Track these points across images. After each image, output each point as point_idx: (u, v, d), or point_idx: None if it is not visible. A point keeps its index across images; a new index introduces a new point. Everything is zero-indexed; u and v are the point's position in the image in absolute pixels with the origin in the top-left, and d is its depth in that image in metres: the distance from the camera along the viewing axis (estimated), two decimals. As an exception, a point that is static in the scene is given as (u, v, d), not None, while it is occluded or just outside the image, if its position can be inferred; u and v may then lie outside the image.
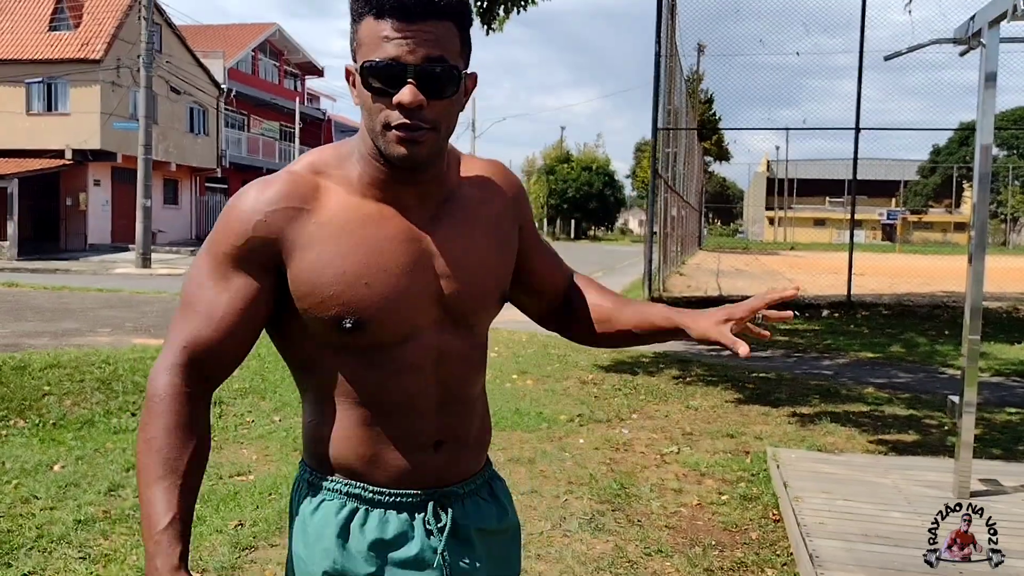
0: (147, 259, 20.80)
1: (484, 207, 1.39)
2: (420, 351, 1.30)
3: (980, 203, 4.31)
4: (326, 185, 1.30)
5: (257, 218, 1.26)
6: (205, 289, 1.27)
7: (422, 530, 1.34)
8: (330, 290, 1.25)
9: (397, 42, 1.18)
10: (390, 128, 1.21)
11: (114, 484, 4.47)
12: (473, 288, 1.34)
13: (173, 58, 28.91)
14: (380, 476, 1.33)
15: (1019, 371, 8.39)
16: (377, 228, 1.28)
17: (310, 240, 1.26)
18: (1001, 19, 3.98)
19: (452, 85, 1.22)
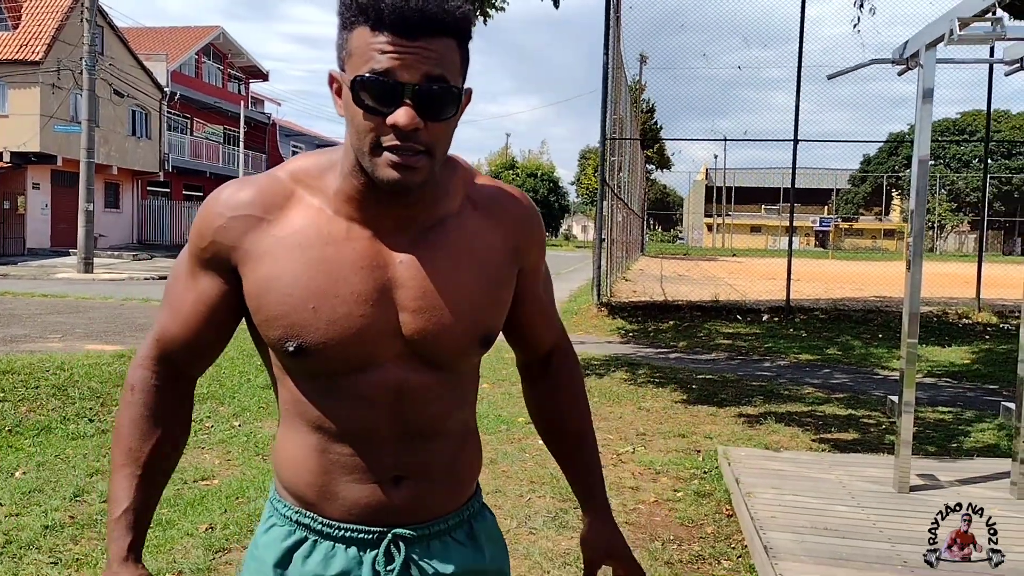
0: (89, 264, 20.40)
1: (480, 238, 1.26)
2: (376, 384, 1.20)
3: (917, 213, 4.57)
4: (300, 195, 1.20)
5: (219, 222, 1.20)
6: (177, 283, 1.27)
7: (370, 571, 1.23)
8: (274, 309, 1.17)
9: (393, 57, 1.06)
10: (381, 149, 1.10)
11: (79, 489, 4.48)
12: (441, 326, 1.20)
13: (115, 60, 28.40)
14: (332, 507, 1.24)
15: (950, 372, 8.80)
16: (339, 250, 1.18)
17: (264, 253, 1.18)
18: (938, 42, 4.25)
19: (451, 106, 1.11)
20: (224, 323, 1.26)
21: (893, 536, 3.78)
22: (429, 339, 1.20)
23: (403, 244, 1.20)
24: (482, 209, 1.27)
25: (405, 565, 1.24)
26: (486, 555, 1.33)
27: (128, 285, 17.80)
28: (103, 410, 6.12)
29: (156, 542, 3.80)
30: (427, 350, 1.20)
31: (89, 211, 20.75)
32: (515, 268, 1.30)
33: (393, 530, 1.24)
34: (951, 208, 60.42)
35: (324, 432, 1.22)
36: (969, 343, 11.00)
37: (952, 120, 59.04)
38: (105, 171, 28.64)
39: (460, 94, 1.12)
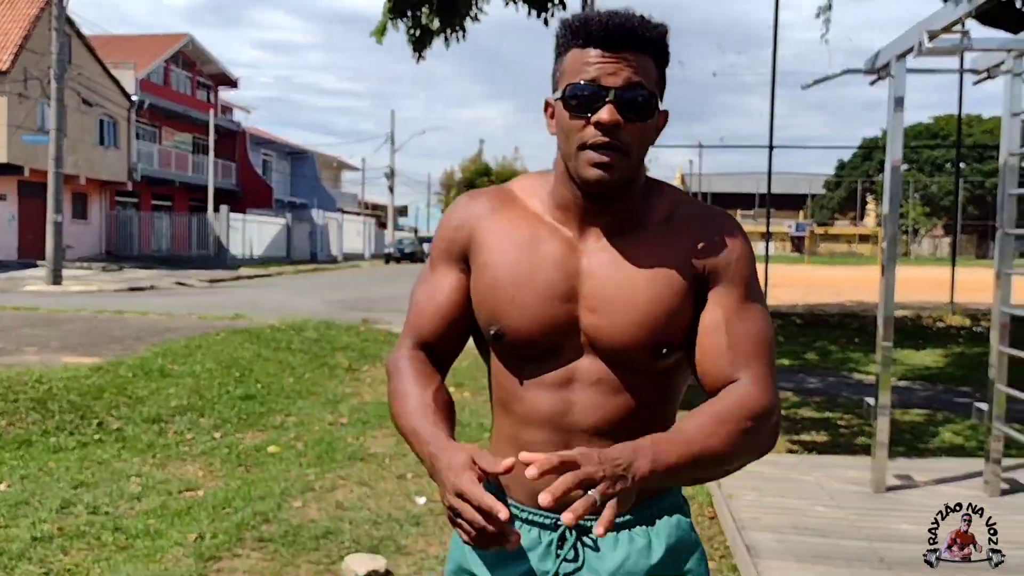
0: (58, 275, 20.15)
1: (668, 253, 1.33)
2: (557, 372, 1.33)
3: (891, 218, 4.70)
4: (523, 201, 1.40)
5: (456, 223, 1.42)
6: (422, 286, 1.46)
7: (544, 550, 1.35)
8: (483, 293, 1.37)
9: (600, 67, 1.25)
10: (585, 148, 1.26)
11: (65, 501, 4.47)
12: (612, 327, 1.31)
13: (83, 69, 28.13)
14: (519, 491, 1.37)
15: (923, 375, 8.99)
16: (542, 248, 1.34)
17: (485, 247, 1.38)
18: (908, 53, 4.38)
19: (648, 110, 1.27)
20: (468, 310, 1.41)
21: (871, 534, 3.89)
22: (602, 336, 1.32)
23: (596, 249, 1.34)
24: (680, 228, 1.36)
25: (576, 550, 1.34)
26: (659, 553, 1.34)
27: (99, 297, 17.63)
28: (83, 423, 6.09)
29: (146, 551, 3.82)
30: (600, 346, 1.32)
31: (57, 222, 20.52)
32: (695, 287, 1.34)
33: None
34: (925, 212, 61.30)
35: (515, 417, 1.37)
36: (943, 346, 11.23)
37: (925, 125, 59.89)
38: (73, 181, 28.32)
39: (657, 101, 1.28)
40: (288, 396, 7.39)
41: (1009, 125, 4.46)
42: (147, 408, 6.52)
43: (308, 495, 4.69)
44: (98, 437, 5.87)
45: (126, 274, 25.39)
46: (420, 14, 8.98)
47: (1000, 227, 4.48)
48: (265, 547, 3.91)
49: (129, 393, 6.81)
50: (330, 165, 58.42)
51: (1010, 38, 4.62)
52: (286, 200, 46.77)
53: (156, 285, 21.69)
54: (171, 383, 7.24)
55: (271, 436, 6.08)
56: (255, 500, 4.55)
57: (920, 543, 3.73)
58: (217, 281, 24.74)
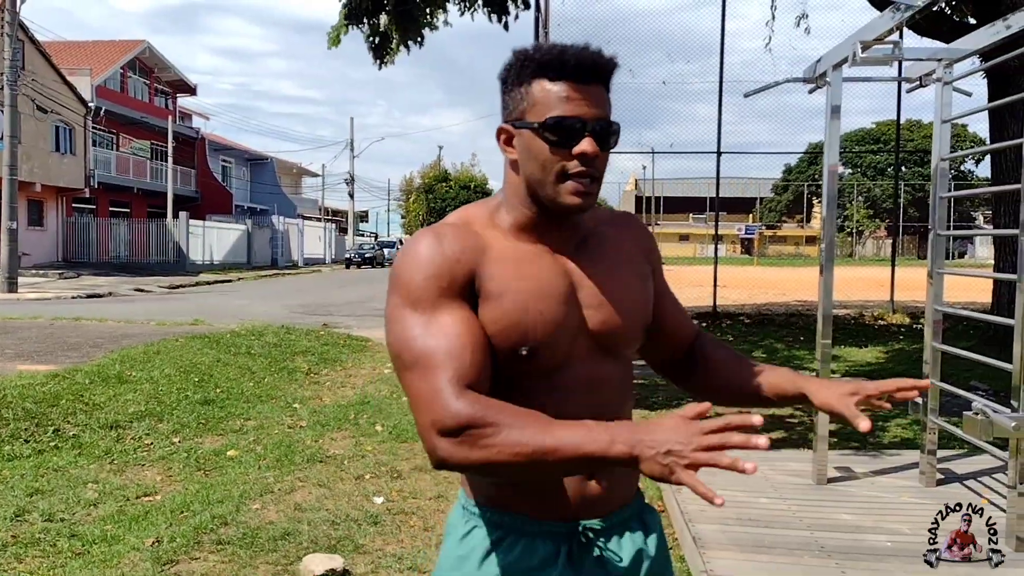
0: (13, 283, 19.88)
1: (620, 245, 1.49)
2: (575, 378, 1.38)
3: (828, 220, 4.87)
4: (483, 232, 1.40)
5: (454, 257, 1.33)
6: (432, 336, 1.28)
7: (565, 559, 1.39)
8: (511, 318, 1.33)
9: (576, 102, 1.32)
10: (566, 178, 1.33)
11: (20, 509, 4.47)
12: (619, 319, 1.42)
13: (38, 75, 27.73)
14: (531, 505, 1.39)
15: (866, 372, 9.23)
16: (538, 264, 1.39)
17: (492, 275, 1.35)
18: (843, 63, 4.56)
19: (615, 138, 1.37)
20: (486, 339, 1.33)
21: (812, 524, 4.04)
22: (609, 331, 1.42)
23: (570, 256, 1.43)
24: (610, 225, 1.52)
25: (594, 552, 1.42)
26: (654, 547, 1.49)
27: (55, 304, 17.41)
28: (39, 430, 6.07)
29: (103, 557, 3.85)
30: (608, 341, 1.42)
31: (12, 229, 20.24)
32: (649, 268, 1.55)
33: (582, 522, 1.41)
34: (869, 215, 62.38)
35: None
36: (884, 343, 11.51)
37: (867, 130, 60.97)
38: (28, 188, 27.90)
39: (619, 127, 1.38)
40: (248, 400, 7.42)
41: (940, 131, 4.66)
42: (105, 414, 6.52)
43: (267, 497, 4.75)
44: (54, 444, 5.86)
45: (84, 281, 25.06)
46: (377, 22, 9.05)
47: (932, 228, 4.68)
48: (223, 549, 3.96)
49: (86, 400, 6.80)
50: (290, 171, 58.07)
51: (940, 48, 4.82)
52: (246, 206, 46.41)
53: (114, 292, 21.45)
54: (129, 389, 7.23)
55: (230, 440, 6.12)
56: (213, 503, 4.60)
57: (858, 531, 3.92)
58: (177, 287, 24.52)
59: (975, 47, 4.39)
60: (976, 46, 4.38)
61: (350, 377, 8.79)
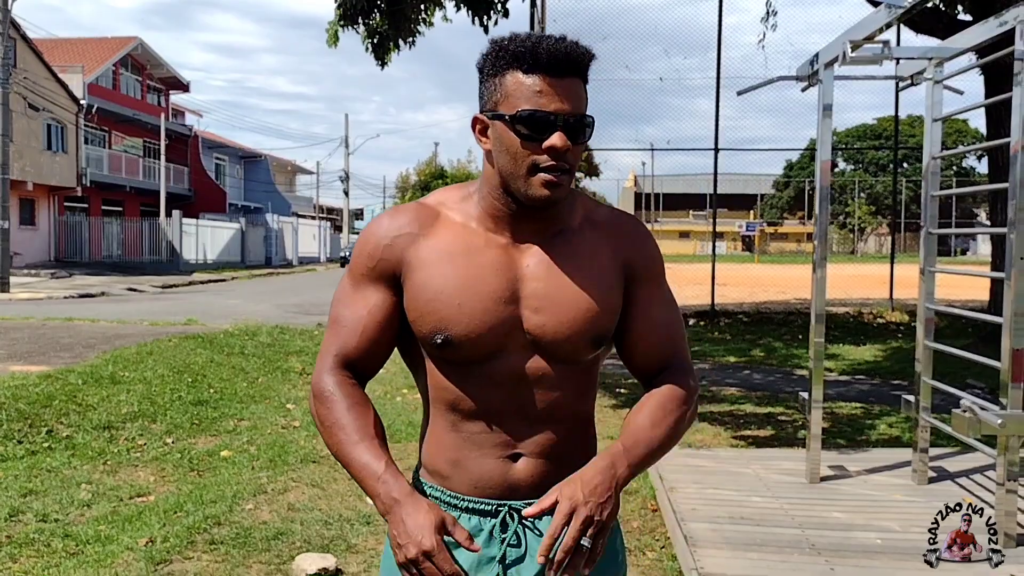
0: (5, 283, 19.82)
1: (594, 250, 1.46)
2: (503, 370, 1.41)
3: (821, 218, 4.87)
4: (447, 215, 1.46)
5: (385, 242, 1.45)
6: (347, 306, 1.47)
7: (487, 536, 1.44)
8: (428, 306, 1.40)
9: (549, 95, 1.32)
10: (537, 171, 1.35)
11: (14, 510, 4.47)
12: (556, 323, 1.40)
13: (29, 73, 27.65)
14: (460, 482, 1.46)
15: (863, 370, 9.27)
16: (480, 257, 1.41)
17: (421, 262, 1.42)
18: (834, 62, 4.58)
19: (588, 132, 1.37)
20: (393, 328, 1.47)
21: (804, 522, 4.05)
22: (544, 334, 1.41)
23: (530, 252, 1.43)
24: (598, 228, 1.49)
25: (517, 534, 1.44)
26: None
27: (48, 304, 17.37)
28: (32, 431, 6.06)
29: (96, 557, 3.85)
30: (544, 342, 1.41)
31: (4, 228, 20.19)
32: (622, 280, 1.48)
33: (508, 503, 1.45)
34: (871, 211, 62.40)
35: (458, 413, 1.44)
36: (882, 341, 11.55)
37: (869, 125, 60.88)
38: (20, 187, 27.84)
39: (593, 121, 1.38)
40: (241, 401, 7.41)
41: (931, 129, 4.67)
42: (98, 415, 6.52)
43: (260, 497, 4.75)
44: (47, 445, 5.85)
45: (76, 281, 25.00)
46: (372, 21, 9.05)
47: (924, 226, 4.69)
48: (216, 549, 3.96)
49: (79, 400, 6.79)
50: (284, 169, 57.97)
51: (930, 47, 4.83)
52: (240, 204, 46.35)
53: (107, 291, 21.41)
54: (122, 390, 7.22)
55: (224, 440, 6.12)
56: (207, 504, 4.60)
57: (849, 529, 3.94)
58: (170, 287, 24.48)
59: (967, 45, 4.40)
60: (969, 44, 4.39)
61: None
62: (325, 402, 1.43)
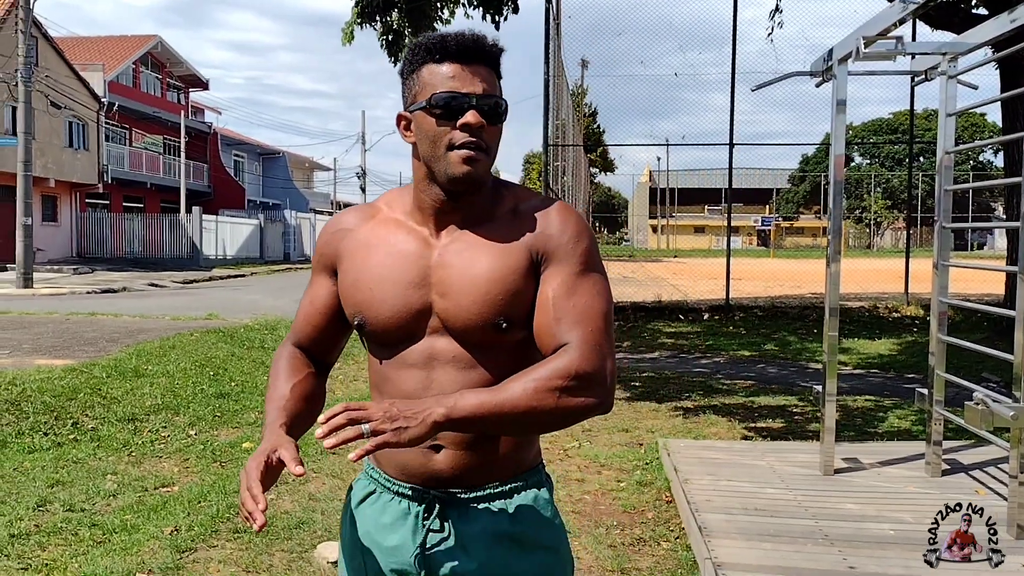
0: (28, 279, 20.06)
1: (508, 237, 1.49)
2: (416, 353, 1.49)
3: (835, 213, 4.91)
4: (385, 212, 1.58)
5: (326, 238, 1.61)
6: (305, 294, 1.66)
7: (414, 520, 1.52)
8: (348, 291, 1.55)
9: (461, 79, 1.42)
10: (453, 148, 1.43)
11: (42, 500, 4.58)
12: (459, 306, 1.46)
13: (50, 71, 27.91)
14: (391, 467, 1.55)
15: (877, 364, 9.27)
16: (398, 246, 1.52)
17: (350, 253, 1.56)
18: (848, 58, 4.61)
19: (503, 115, 1.46)
20: (333, 315, 1.61)
21: (817, 514, 4.10)
22: (449, 317, 1.47)
23: (448, 242, 1.50)
24: (519, 216, 1.52)
25: (441, 521, 1.51)
26: (522, 526, 1.52)
27: (70, 300, 17.59)
28: (58, 423, 6.19)
29: (123, 545, 3.95)
30: (450, 325, 1.48)
31: (27, 225, 20.43)
32: (532, 266, 1.47)
33: (440, 491, 1.51)
34: (887, 206, 61.98)
35: (384, 396, 1.52)
36: (897, 335, 11.54)
37: (884, 120, 60.53)
38: (42, 184, 28.13)
39: (507, 106, 1.47)
40: (262, 394, 7.51)
41: (944, 124, 4.69)
42: (122, 407, 6.64)
43: (281, 488, 4.85)
44: (73, 437, 5.98)
45: (98, 276, 25.27)
46: (389, 19, 9.13)
47: (938, 221, 4.72)
48: (240, 538, 4.05)
49: (104, 393, 6.92)
50: (302, 165, 58.25)
51: (943, 42, 4.85)
52: (258, 201, 46.61)
53: (129, 287, 21.63)
54: (146, 383, 7.35)
55: (245, 433, 6.22)
56: (230, 494, 4.69)
57: (862, 520, 3.99)
58: (191, 282, 24.69)
59: (982, 39, 4.42)
60: (984, 38, 4.40)
61: (362, 371, 8.87)
62: (272, 369, 1.62)
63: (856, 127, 59.87)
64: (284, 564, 3.76)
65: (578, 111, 27.76)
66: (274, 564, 3.75)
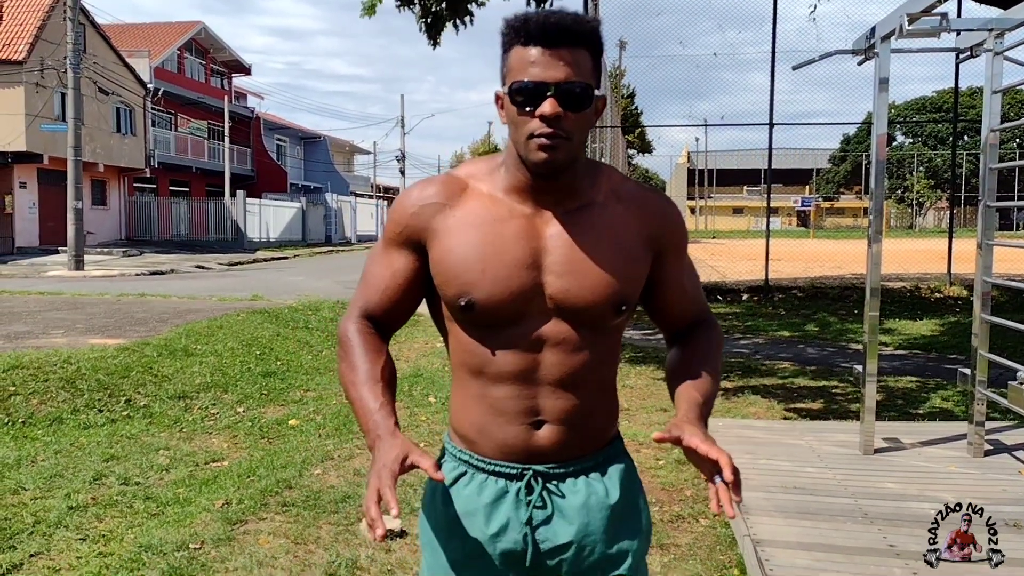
0: (80, 261, 20.55)
1: (619, 222, 1.51)
2: (526, 335, 1.47)
3: (876, 192, 4.88)
4: (474, 187, 1.53)
5: (412, 211, 1.53)
6: (375, 265, 1.59)
7: (513, 499, 1.51)
8: (452, 271, 1.48)
9: (543, 64, 1.38)
10: (533, 137, 1.40)
11: (98, 473, 4.74)
12: (580, 289, 1.46)
13: (98, 58, 28.40)
14: (486, 446, 1.52)
15: (919, 344, 9.18)
16: (504, 226, 1.48)
17: (447, 229, 1.50)
18: (891, 35, 4.57)
19: (586, 101, 1.41)
20: (414, 291, 1.58)
21: (857, 492, 4.10)
22: (567, 299, 1.47)
23: (553, 223, 1.49)
24: (624, 201, 1.54)
25: (543, 497, 1.52)
26: (615, 494, 1.57)
27: (121, 281, 17.99)
28: (112, 400, 6.38)
29: (176, 517, 4.09)
30: (566, 308, 1.48)
31: (78, 209, 20.88)
32: (649, 252, 1.55)
33: (532, 467, 1.52)
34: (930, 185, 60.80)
35: (484, 378, 1.51)
36: (939, 316, 11.39)
37: (928, 98, 59.24)
38: (92, 168, 28.69)
39: (592, 92, 1.42)
40: (307, 372, 7.68)
41: (990, 101, 4.63)
42: (173, 385, 6.83)
43: (327, 463, 4.97)
44: (126, 414, 6.17)
45: (146, 259, 25.78)
46: (428, 2, 9.17)
47: (982, 200, 4.67)
48: (288, 511, 4.18)
49: (155, 372, 7.11)
50: (342, 149, 58.67)
51: (990, 17, 4.78)
52: (300, 184, 47.09)
53: (176, 269, 22.06)
54: (195, 361, 7.54)
55: (291, 410, 6.37)
56: (278, 469, 4.83)
57: (902, 499, 4.00)
58: (235, 264, 25.09)
59: (1030, 15, 4.35)
60: (1031, 14, 4.33)
61: (403, 351, 9.00)
62: (344, 346, 1.55)
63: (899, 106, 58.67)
64: (331, 536, 3.86)
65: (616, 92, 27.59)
66: (321, 536, 3.87)
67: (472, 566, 1.54)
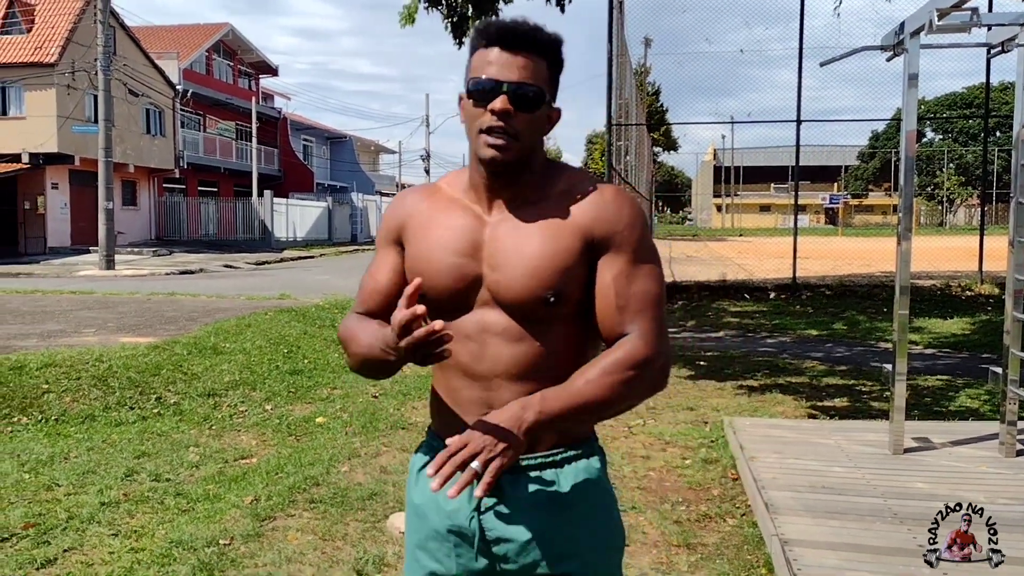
0: (110, 261, 20.82)
1: (560, 218, 1.54)
2: (468, 324, 1.56)
3: (906, 190, 4.83)
4: (445, 191, 1.65)
5: (393, 212, 1.69)
6: (372, 265, 1.72)
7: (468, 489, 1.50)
8: (410, 263, 1.62)
9: (500, 65, 1.48)
10: (482, 132, 1.50)
11: (129, 470, 4.81)
12: (509, 280, 1.52)
13: (128, 60, 28.74)
14: (447, 434, 1.53)
15: (949, 343, 9.07)
16: (454, 221, 1.59)
17: (414, 227, 1.63)
18: (921, 30, 4.52)
19: (537, 104, 1.50)
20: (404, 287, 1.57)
21: (886, 492, 4.07)
22: (499, 290, 1.54)
23: (500, 219, 1.57)
24: (575, 199, 1.57)
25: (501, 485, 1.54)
26: (570, 493, 1.57)
27: (151, 280, 18.20)
28: (142, 398, 6.47)
29: (206, 513, 4.14)
30: (500, 297, 1.54)
31: (109, 209, 21.16)
32: (582, 243, 1.53)
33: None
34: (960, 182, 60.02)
35: (445, 369, 1.60)
36: (970, 315, 11.25)
37: (958, 94, 58.50)
38: (122, 169, 29.04)
39: (544, 96, 1.51)
40: (334, 371, 7.73)
41: (1022, 97, 4.57)
42: (202, 383, 6.90)
43: (354, 461, 5.01)
44: (157, 411, 6.25)
45: (176, 258, 26.06)
46: (455, 2, 9.19)
47: (1014, 196, 4.61)
48: (316, 507, 4.21)
49: (185, 370, 7.19)
50: (368, 149, 58.96)
51: (1021, 12, 4.72)
52: (326, 184, 47.39)
53: (205, 268, 22.28)
54: (224, 360, 7.61)
55: (319, 408, 6.42)
56: (305, 466, 4.87)
57: (932, 499, 3.96)
58: (263, 263, 25.31)
59: (1061, 10, 4.30)
60: (1063, 9, 4.28)
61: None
62: (344, 331, 1.64)
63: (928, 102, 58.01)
64: (358, 533, 3.89)
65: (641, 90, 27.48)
66: (349, 533, 3.89)
67: (428, 548, 1.64)
